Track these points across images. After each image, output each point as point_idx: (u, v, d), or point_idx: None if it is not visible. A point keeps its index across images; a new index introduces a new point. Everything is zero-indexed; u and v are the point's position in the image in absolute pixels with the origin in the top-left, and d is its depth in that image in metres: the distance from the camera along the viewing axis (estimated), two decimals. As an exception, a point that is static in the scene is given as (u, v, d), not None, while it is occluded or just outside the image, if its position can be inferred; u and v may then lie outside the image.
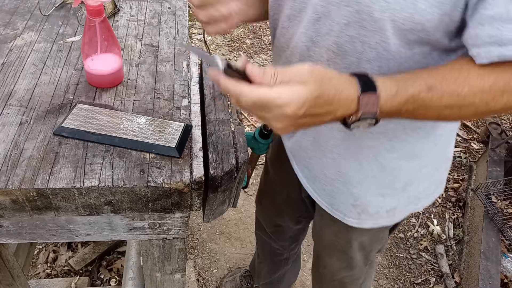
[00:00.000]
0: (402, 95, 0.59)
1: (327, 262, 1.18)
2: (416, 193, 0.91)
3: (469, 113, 0.60)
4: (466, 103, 0.58)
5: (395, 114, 0.60)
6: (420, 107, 0.59)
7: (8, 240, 0.85)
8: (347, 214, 0.94)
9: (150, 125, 0.87)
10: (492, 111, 0.59)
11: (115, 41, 0.95)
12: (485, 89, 0.57)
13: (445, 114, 0.60)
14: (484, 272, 1.78)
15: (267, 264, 1.62)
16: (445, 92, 0.58)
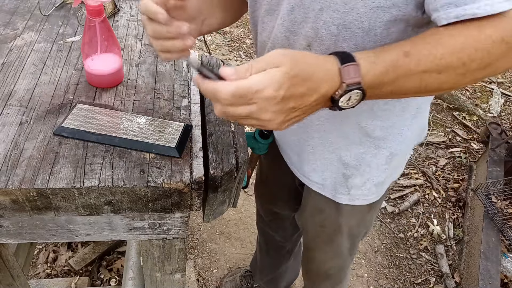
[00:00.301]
0: (381, 64, 0.59)
1: (314, 254, 1.20)
2: (399, 163, 0.95)
3: (450, 79, 0.60)
4: (443, 65, 0.58)
5: (379, 86, 0.60)
6: (401, 75, 0.59)
7: (8, 240, 0.85)
8: (338, 190, 0.95)
9: (150, 125, 0.87)
10: (472, 74, 0.59)
11: (115, 41, 0.95)
12: (458, 47, 0.58)
13: (426, 82, 0.60)
14: (484, 272, 1.78)
15: (270, 258, 1.62)
16: (422, 55, 0.59)
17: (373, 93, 0.60)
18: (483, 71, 0.59)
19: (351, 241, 1.13)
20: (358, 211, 1.02)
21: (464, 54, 0.57)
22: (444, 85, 0.61)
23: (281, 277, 1.68)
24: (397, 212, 2.29)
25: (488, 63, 0.58)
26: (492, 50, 0.57)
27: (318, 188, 0.98)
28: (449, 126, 2.87)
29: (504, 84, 3.34)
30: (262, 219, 1.50)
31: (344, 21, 0.67)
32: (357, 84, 0.58)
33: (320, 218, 1.07)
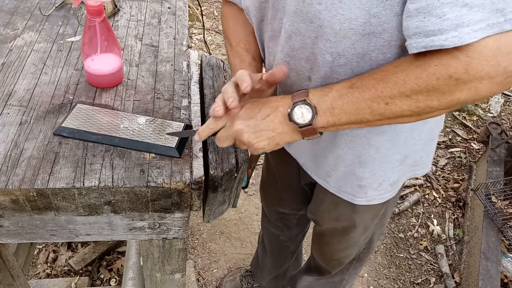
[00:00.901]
0: (327, 90, 0.69)
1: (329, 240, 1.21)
2: (413, 162, 0.95)
3: (404, 108, 0.65)
4: (386, 97, 0.64)
5: (328, 108, 0.69)
6: (346, 102, 0.67)
7: (8, 240, 0.85)
8: (356, 195, 0.97)
9: (150, 125, 0.87)
10: (427, 103, 0.63)
11: (115, 41, 0.95)
12: (400, 83, 0.63)
13: (378, 110, 0.66)
14: (484, 272, 1.78)
15: (273, 258, 1.62)
16: (365, 87, 0.66)
17: (328, 115, 0.69)
18: (439, 101, 0.62)
19: (366, 233, 1.14)
20: (372, 208, 1.03)
21: (406, 89, 0.62)
22: (405, 113, 0.65)
23: (283, 276, 1.68)
24: (397, 212, 2.29)
25: (440, 95, 0.61)
26: (438, 86, 0.60)
27: (336, 192, 0.99)
28: (449, 126, 2.87)
29: (504, 84, 3.34)
30: (267, 219, 1.50)
31: (337, 49, 0.71)
32: (303, 100, 0.69)
33: (335, 212, 1.08)
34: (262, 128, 0.72)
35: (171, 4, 1.29)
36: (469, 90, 0.60)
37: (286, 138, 0.73)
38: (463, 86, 0.59)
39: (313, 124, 0.69)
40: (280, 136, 0.73)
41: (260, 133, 0.72)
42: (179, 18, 1.23)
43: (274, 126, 0.72)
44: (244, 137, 0.72)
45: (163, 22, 1.20)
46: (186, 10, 1.27)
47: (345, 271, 1.34)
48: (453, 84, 0.60)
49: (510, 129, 2.82)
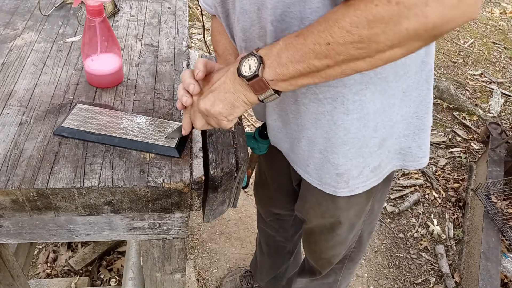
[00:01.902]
0: (275, 43, 0.67)
1: (316, 238, 1.20)
2: (398, 148, 0.93)
3: (341, 50, 0.60)
4: (324, 37, 0.60)
5: (275, 59, 0.66)
6: (292, 49, 0.64)
7: (8, 240, 0.85)
8: (337, 186, 0.95)
9: (150, 125, 0.87)
10: (368, 43, 0.58)
11: (115, 41, 0.95)
12: (332, 21, 0.59)
13: (320, 54, 0.62)
14: (484, 272, 1.78)
15: (271, 259, 1.62)
16: (309, 32, 0.63)
17: (275, 65, 0.66)
18: (384, 32, 0.56)
19: (354, 231, 1.13)
20: (354, 202, 1.02)
21: (345, 23, 0.58)
22: (350, 51, 0.60)
23: (282, 277, 1.68)
24: (397, 212, 2.29)
25: (383, 25, 0.55)
26: (378, 14, 0.54)
27: (317, 185, 0.98)
28: (449, 126, 2.87)
29: (504, 84, 3.34)
30: (263, 220, 1.50)
31: (275, 16, 0.72)
32: (250, 54, 0.68)
33: (320, 209, 1.07)
34: (214, 90, 0.72)
35: (171, 4, 1.29)
36: (416, 16, 0.53)
37: (240, 97, 0.71)
38: (407, 12, 0.53)
39: (261, 75, 0.66)
40: (233, 96, 0.71)
41: (212, 95, 0.72)
42: (179, 18, 1.23)
43: (226, 87, 0.71)
44: (200, 104, 0.72)
45: (163, 22, 1.20)
46: (186, 10, 1.27)
47: (338, 272, 1.33)
48: (394, 10, 0.53)
49: (510, 129, 2.82)
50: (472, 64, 3.51)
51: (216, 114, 0.72)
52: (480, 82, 3.32)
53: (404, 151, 0.94)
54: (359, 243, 1.21)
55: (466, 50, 3.67)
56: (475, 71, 3.42)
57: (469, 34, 3.90)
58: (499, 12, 4.37)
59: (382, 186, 1.01)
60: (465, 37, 3.85)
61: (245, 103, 0.72)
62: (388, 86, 0.82)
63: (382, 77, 0.80)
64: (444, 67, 3.43)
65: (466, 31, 3.94)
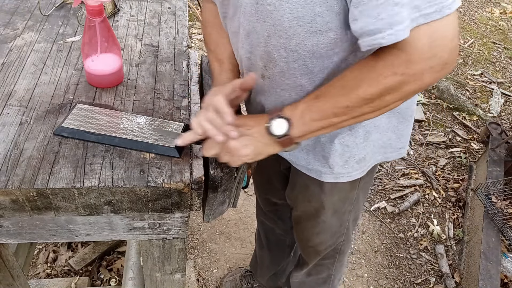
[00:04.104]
0: (297, 103, 0.78)
1: (303, 225, 1.24)
2: (381, 142, 0.98)
3: (359, 110, 0.74)
4: (345, 100, 0.73)
5: (299, 119, 0.77)
6: (314, 111, 0.76)
7: (8, 240, 0.85)
8: (322, 171, 0.99)
9: (150, 125, 0.87)
10: (380, 103, 0.72)
11: (115, 41, 0.95)
12: (354, 87, 0.72)
13: (341, 115, 0.75)
14: (484, 272, 1.78)
15: (271, 254, 1.63)
16: (328, 96, 0.75)
17: (300, 124, 0.77)
18: (391, 95, 0.71)
19: (338, 218, 1.16)
20: (339, 189, 1.06)
21: (359, 92, 0.71)
22: (365, 110, 0.74)
23: (282, 274, 1.68)
24: (397, 212, 2.29)
25: (391, 91, 0.70)
26: (387, 83, 0.69)
27: (305, 170, 1.02)
28: (449, 126, 2.87)
29: (504, 84, 3.34)
30: (262, 211, 1.52)
31: (289, 45, 0.77)
32: (278, 115, 0.78)
33: (306, 193, 1.11)
34: (248, 135, 0.80)
35: (171, 4, 1.29)
36: (415, 82, 0.68)
37: (268, 149, 0.81)
38: (409, 79, 0.68)
39: (290, 134, 0.77)
40: (263, 147, 0.80)
41: (248, 139, 0.79)
42: (179, 18, 1.23)
43: (260, 137, 0.80)
44: (232, 142, 0.78)
45: (163, 22, 1.20)
46: (186, 10, 1.27)
47: (331, 266, 1.37)
48: (400, 80, 0.68)
49: (510, 129, 2.82)
50: (472, 64, 3.51)
51: (243, 155, 0.79)
52: (480, 82, 3.32)
53: (385, 144, 0.99)
54: (347, 235, 1.25)
55: (466, 50, 3.67)
56: (475, 71, 3.42)
57: (469, 34, 3.90)
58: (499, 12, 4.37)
59: (366, 176, 1.05)
60: (465, 37, 3.85)
61: (268, 153, 0.82)
62: None
63: None
64: (444, 67, 3.43)
65: (466, 31, 3.94)
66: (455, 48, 0.67)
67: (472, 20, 4.14)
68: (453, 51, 0.67)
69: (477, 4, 4.45)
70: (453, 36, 0.66)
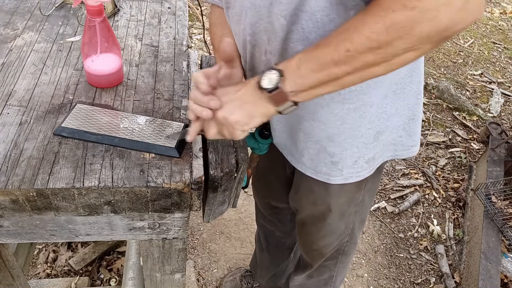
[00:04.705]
0: (293, 56, 0.70)
1: (308, 229, 1.22)
2: (391, 139, 0.95)
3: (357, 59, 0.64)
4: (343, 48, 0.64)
5: (294, 70, 0.69)
6: (312, 59, 0.67)
7: (8, 240, 0.85)
8: (331, 173, 0.97)
9: (150, 125, 0.87)
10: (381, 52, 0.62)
11: (115, 41, 0.95)
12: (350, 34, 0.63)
13: (339, 59, 0.65)
14: (484, 272, 1.78)
15: (270, 256, 1.63)
16: (327, 41, 0.66)
17: (295, 76, 0.68)
18: (400, 37, 0.60)
19: (344, 220, 1.14)
20: (346, 190, 1.04)
21: (364, 30, 0.61)
22: (369, 58, 0.63)
23: (282, 275, 1.68)
24: (397, 212, 2.29)
25: (400, 30, 0.59)
26: (396, 19, 0.59)
27: (312, 173, 1.00)
28: (449, 126, 2.87)
29: (504, 84, 3.34)
30: (262, 214, 1.51)
31: (288, 10, 0.73)
32: (270, 68, 0.70)
33: (312, 197, 1.09)
34: (234, 99, 0.73)
35: (171, 4, 1.29)
36: (429, 21, 0.58)
37: (260, 109, 0.73)
38: (421, 16, 0.58)
39: (281, 87, 0.69)
40: (253, 107, 0.73)
41: (232, 104, 0.73)
42: (179, 18, 1.23)
43: (246, 98, 0.73)
44: (218, 112, 0.73)
45: (163, 22, 1.20)
46: (186, 10, 1.27)
47: (333, 268, 1.35)
48: (410, 15, 0.58)
49: (510, 129, 2.82)
50: (472, 64, 3.51)
51: (233, 123, 0.73)
52: (480, 82, 3.32)
53: (396, 141, 0.97)
54: (351, 236, 1.23)
55: (466, 50, 3.67)
56: (475, 71, 3.42)
57: (469, 34, 3.90)
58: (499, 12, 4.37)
59: (373, 176, 1.03)
60: (465, 37, 3.85)
61: (263, 115, 0.74)
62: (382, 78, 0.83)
63: None
64: (444, 67, 3.43)
65: (466, 31, 3.93)
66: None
67: (472, 20, 4.13)
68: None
69: (477, 4, 4.45)
70: None
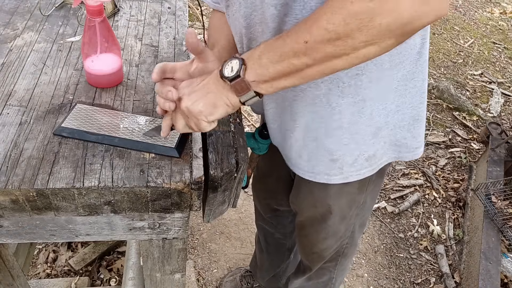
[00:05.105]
0: (257, 46, 0.69)
1: (308, 231, 1.21)
2: (394, 139, 0.94)
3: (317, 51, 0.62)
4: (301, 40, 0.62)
5: (256, 60, 0.68)
6: (273, 49, 0.66)
7: (8, 240, 0.85)
8: (331, 173, 0.96)
9: (150, 125, 0.87)
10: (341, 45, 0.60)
11: (115, 41, 0.95)
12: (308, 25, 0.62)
13: (298, 50, 0.63)
14: (484, 272, 1.78)
15: (270, 257, 1.63)
16: (289, 32, 0.65)
17: (256, 66, 0.68)
18: (359, 30, 0.58)
19: (344, 223, 1.13)
20: (347, 192, 1.03)
21: (322, 20, 0.60)
22: (328, 49, 0.61)
23: (282, 275, 1.68)
24: (397, 212, 2.29)
25: (359, 21, 0.57)
26: (354, 8, 0.57)
27: (310, 177, 0.99)
28: (449, 126, 2.87)
29: (504, 84, 3.34)
30: (261, 217, 1.51)
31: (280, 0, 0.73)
32: (232, 57, 0.69)
33: (312, 199, 1.08)
34: (197, 90, 0.73)
35: (171, 4, 1.29)
36: (389, 12, 0.56)
37: (222, 98, 0.72)
38: (380, 7, 0.56)
39: (242, 76, 0.68)
40: (215, 96, 0.72)
41: (195, 94, 0.73)
42: (179, 18, 1.23)
43: (209, 87, 0.73)
44: (182, 103, 0.73)
45: (163, 22, 1.20)
46: (186, 10, 1.27)
47: (333, 270, 1.34)
48: (369, 6, 0.56)
49: (510, 129, 2.82)
50: (472, 64, 3.51)
51: (196, 113, 0.73)
52: (480, 82, 3.32)
53: (400, 142, 0.96)
54: (351, 238, 1.22)
55: (466, 50, 3.67)
56: (475, 71, 3.42)
57: (469, 34, 3.90)
58: (499, 12, 4.37)
59: (376, 178, 1.02)
60: (465, 37, 3.85)
61: (226, 105, 0.73)
62: (383, 74, 0.83)
63: (378, 63, 0.81)
64: (444, 67, 3.43)
65: (466, 31, 3.94)
66: None
67: (472, 20, 4.14)
68: None
69: (477, 4, 4.45)
70: None
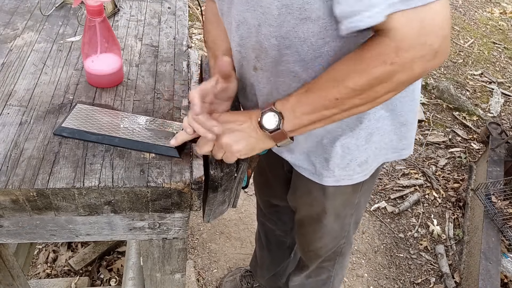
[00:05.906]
0: (288, 97, 0.78)
1: (305, 230, 1.24)
2: (383, 144, 0.98)
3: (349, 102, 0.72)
4: (333, 92, 0.72)
5: (290, 113, 0.76)
6: (305, 104, 0.75)
7: (8, 240, 0.85)
8: (323, 173, 0.99)
9: (150, 125, 0.87)
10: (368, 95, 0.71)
11: (115, 41, 0.95)
12: (339, 78, 0.72)
13: (330, 106, 0.73)
14: (484, 272, 1.78)
15: (271, 254, 1.63)
16: (318, 88, 0.74)
17: (292, 118, 0.76)
18: (382, 87, 0.69)
19: (339, 222, 1.16)
20: (341, 192, 1.05)
21: (349, 83, 0.70)
22: (356, 102, 0.72)
23: (282, 274, 1.69)
24: (397, 212, 2.29)
25: (380, 82, 0.68)
26: (377, 74, 0.68)
27: (304, 172, 1.02)
28: (449, 126, 2.87)
29: (504, 84, 3.34)
30: (262, 212, 1.52)
31: (280, 33, 0.77)
32: (269, 109, 0.77)
33: (309, 198, 1.10)
34: (239, 130, 0.79)
35: (171, 4, 1.29)
36: (406, 71, 0.67)
37: (261, 144, 0.80)
38: (398, 68, 0.66)
39: (281, 128, 0.77)
40: (255, 142, 0.80)
41: (238, 134, 0.79)
42: (179, 18, 1.23)
43: (251, 132, 0.80)
44: (224, 138, 0.78)
45: (163, 22, 1.20)
46: (186, 10, 1.27)
47: (331, 268, 1.37)
48: (389, 69, 0.66)
49: (510, 129, 2.82)
50: (472, 64, 3.51)
51: (235, 151, 0.79)
52: (480, 82, 3.32)
53: (387, 145, 0.99)
54: (348, 237, 1.25)
55: (466, 50, 3.67)
56: (475, 71, 3.42)
57: (469, 34, 3.90)
58: (499, 12, 4.37)
59: (369, 178, 1.04)
60: (465, 37, 3.85)
61: (262, 149, 0.82)
62: None
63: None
64: (444, 67, 3.43)
65: (466, 31, 3.94)
66: (446, 37, 0.66)
67: (472, 20, 4.14)
68: (444, 40, 0.65)
69: (477, 4, 4.45)
70: (443, 24, 0.64)
